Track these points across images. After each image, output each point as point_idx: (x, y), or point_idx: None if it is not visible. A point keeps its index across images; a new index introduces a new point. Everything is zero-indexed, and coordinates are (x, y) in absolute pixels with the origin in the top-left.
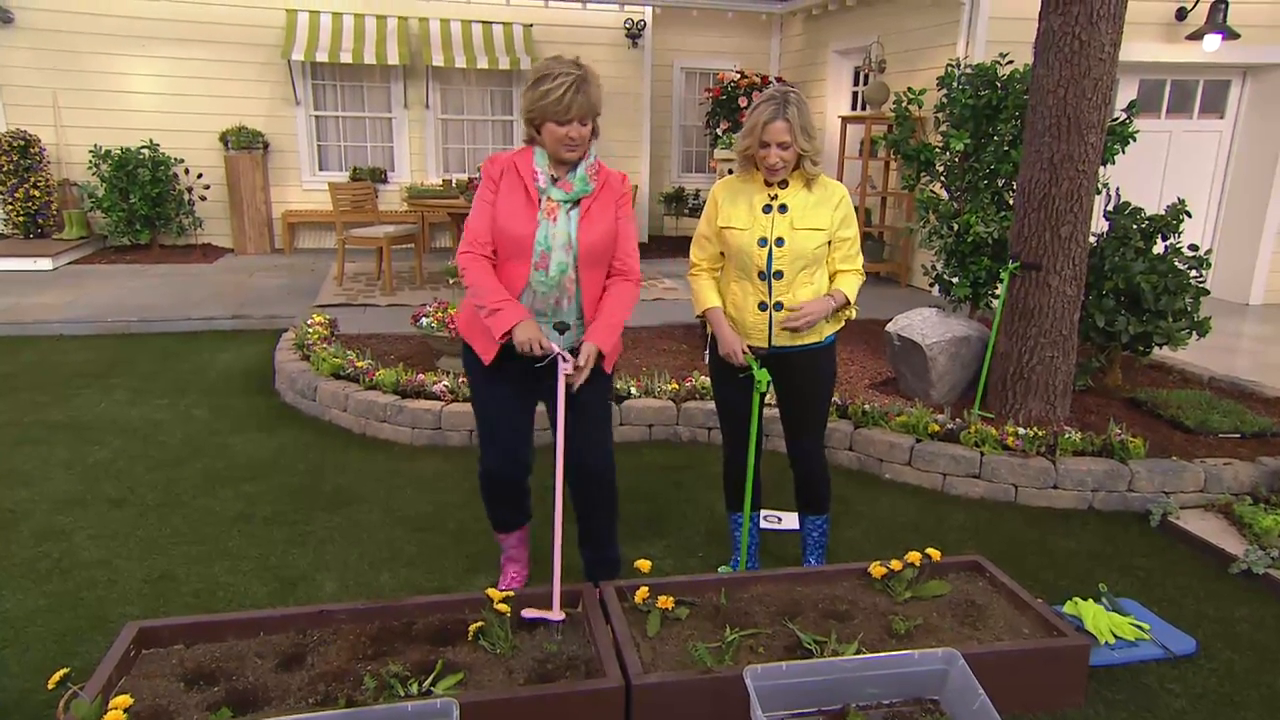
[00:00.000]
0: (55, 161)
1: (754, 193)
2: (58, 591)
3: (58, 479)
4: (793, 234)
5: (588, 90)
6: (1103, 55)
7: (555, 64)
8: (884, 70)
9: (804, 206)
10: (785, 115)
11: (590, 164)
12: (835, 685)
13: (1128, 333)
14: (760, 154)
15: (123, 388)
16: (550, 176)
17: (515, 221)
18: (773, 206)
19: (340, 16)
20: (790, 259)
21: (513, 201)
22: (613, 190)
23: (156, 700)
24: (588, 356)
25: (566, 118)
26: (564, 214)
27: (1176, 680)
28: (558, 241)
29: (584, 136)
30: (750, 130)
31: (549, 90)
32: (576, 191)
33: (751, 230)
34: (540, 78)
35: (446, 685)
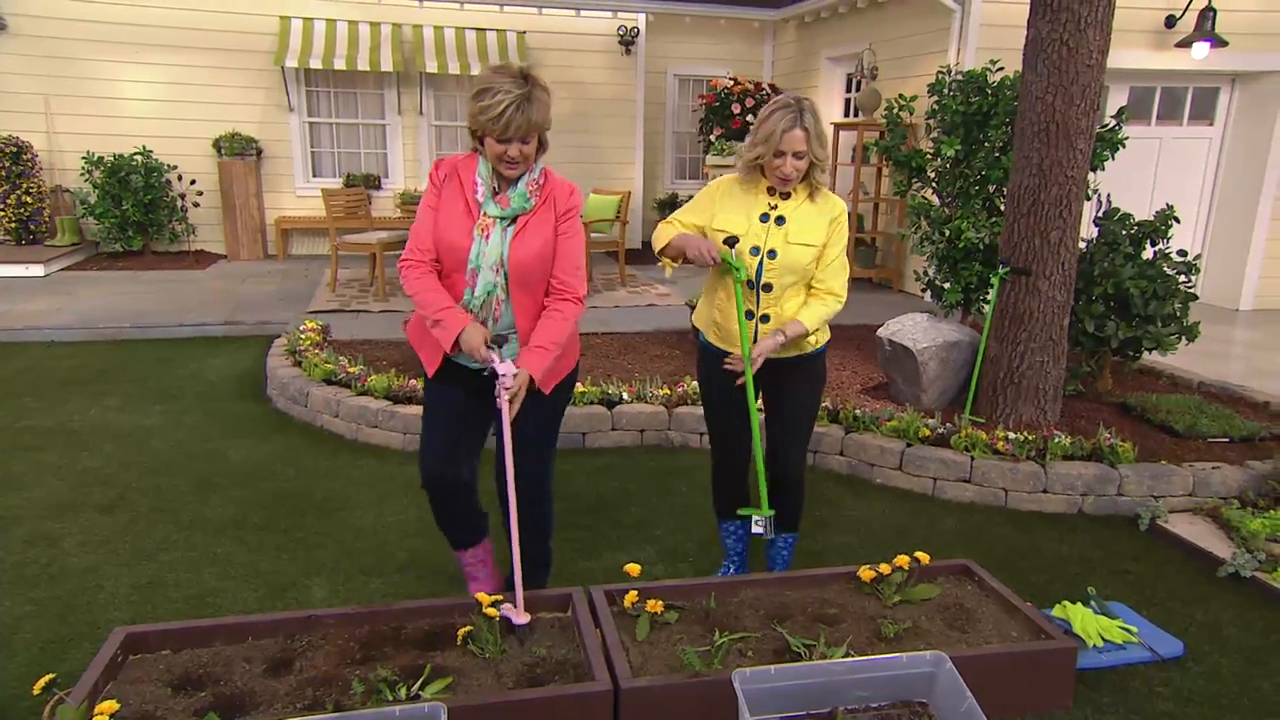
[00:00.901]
0: (48, 168)
1: (754, 199)
2: (46, 598)
3: (48, 485)
4: (786, 247)
5: (530, 109)
6: (1090, 62)
7: (498, 77)
8: (876, 77)
9: (802, 220)
10: (803, 124)
11: (533, 179)
12: (823, 688)
13: (1117, 338)
14: (774, 163)
15: (114, 394)
16: (491, 189)
17: (452, 233)
18: (770, 216)
19: (334, 23)
20: (780, 272)
21: (453, 211)
22: (554, 206)
23: (143, 706)
24: (518, 385)
25: (505, 136)
26: (498, 231)
27: (1164, 683)
28: (487, 261)
29: (525, 155)
30: (766, 138)
31: (488, 106)
32: (513, 209)
33: (746, 238)
34: (481, 90)
35: (434, 689)
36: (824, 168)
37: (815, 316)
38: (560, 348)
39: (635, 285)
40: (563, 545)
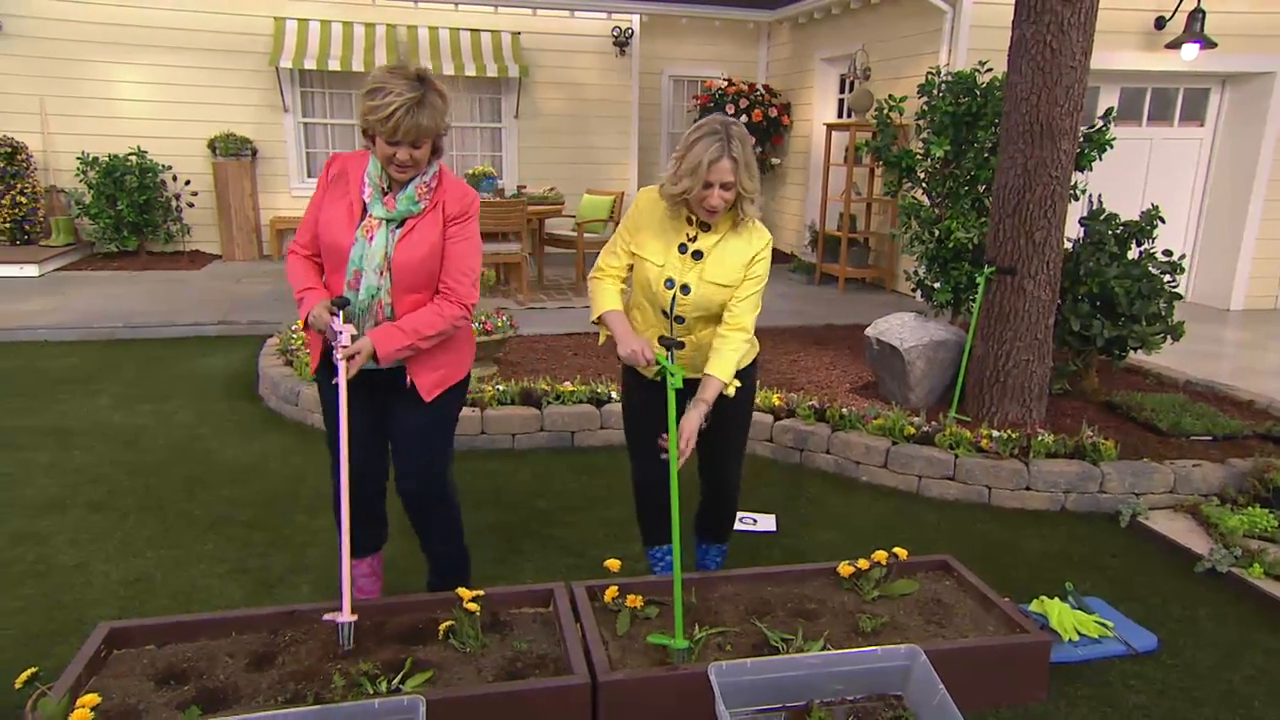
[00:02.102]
0: (42, 168)
1: (675, 226)
2: (33, 594)
3: (38, 483)
4: (700, 284)
5: (421, 113)
6: (1074, 63)
7: (392, 78)
8: (869, 78)
9: (720, 256)
10: (731, 153)
11: (424, 181)
12: (799, 681)
13: (1102, 337)
14: (701, 194)
15: (107, 393)
16: (380, 189)
17: (334, 231)
18: (688, 248)
19: (328, 24)
20: (692, 307)
21: (336, 210)
22: (445, 209)
23: (126, 699)
24: (361, 346)
25: (394, 139)
26: (383, 233)
27: (1138, 676)
28: (371, 263)
29: (415, 159)
30: (693, 169)
31: (378, 107)
32: (400, 211)
33: (663, 268)
34: (373, 89)
35: (415, 683)
36: (752, 199)
37: (727, 365)
38: (422, 339)
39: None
40: (548, 543)
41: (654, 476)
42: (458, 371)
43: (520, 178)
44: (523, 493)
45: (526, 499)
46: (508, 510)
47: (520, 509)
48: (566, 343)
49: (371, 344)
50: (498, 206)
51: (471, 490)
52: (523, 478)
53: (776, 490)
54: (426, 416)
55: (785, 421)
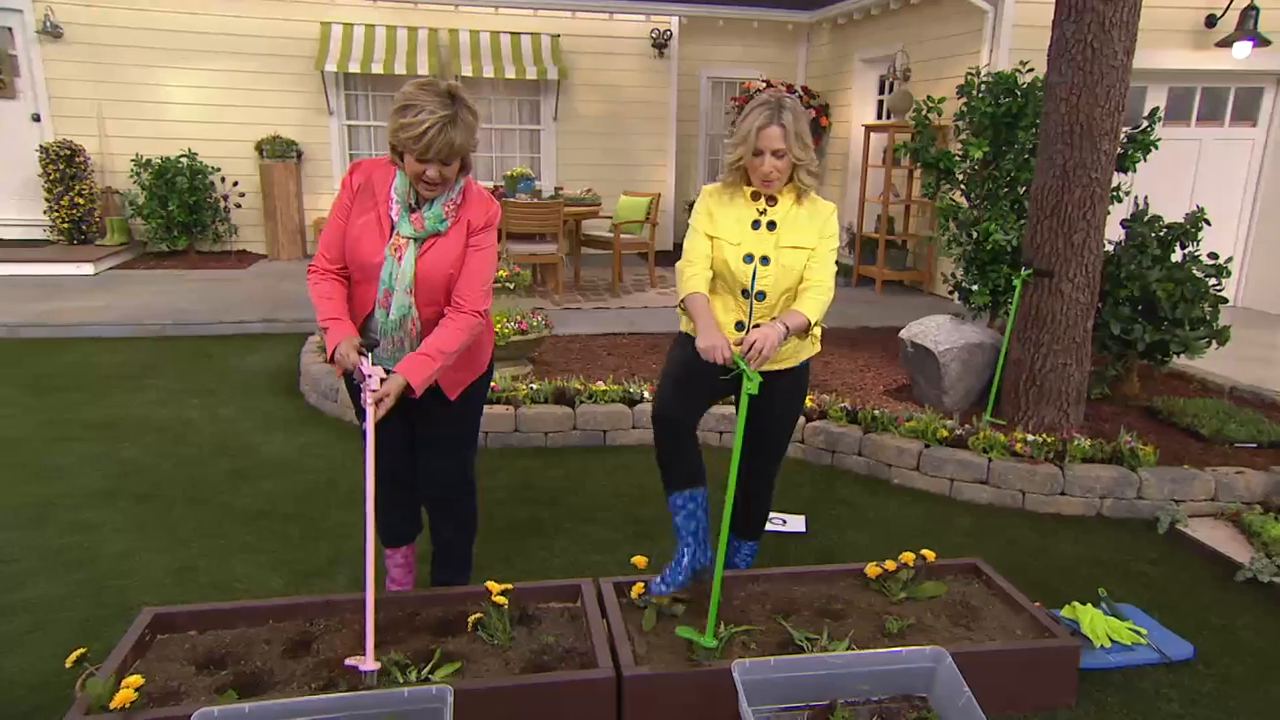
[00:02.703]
0: (99, 170)
1: (742, 206)
2: (83, 580)
3: (90, 474)
4: (779, 252)
5: (453, 131)
6: (1115, 63)
7: (424, 94)
8: (908, 79)
9: (793, 224)
10: (780, 121)
11: (451, 199)
12: (823, 681)
13: (1144, 341)
14: (753, 163)
15: (156, 388)
16: (408, 206)
17: (363, 248)
18: (761, 222)
19: (373, 28)
20: (774, 279)
21: (364, 224)
22: (467, 224)
23: (168, 682)
24: (391, 388)
25: (425, 157)
26: (411, 251)
27: (1173, 685)
28: (401, 283)
29: (445, 177)
30: (743, 138)
31: (409, 124)
32: (427, 230)
33: (740, 245)
34: (404, 106)
35: (444, 674)
36: (810, 169)
37: (815, 306)
38: (448, 357)
39: (665, 287)
40: (579, 540)
41: (675, 413)
42: (479, 367)
43: (558, 179)
44: (554, 490)
45: (558, 496)
46: (539, 507)
47: (552, 506)
48: (601, 343)
49: (403, 381)
50: (535, 208)
51: (504, 487)
52: (555, 475)
53: (807, 491)
54: (452, 414)
55: (817, 423)
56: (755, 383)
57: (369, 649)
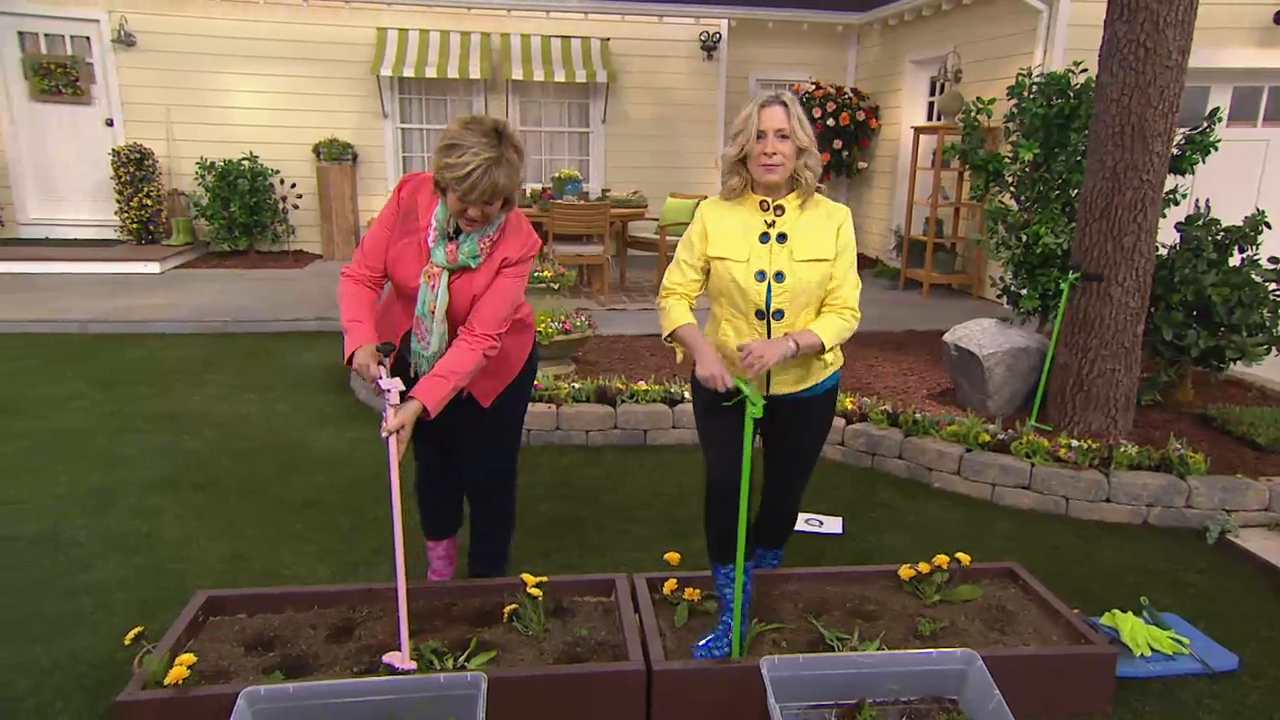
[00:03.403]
0: (166, 173)
1: (747, 218)
2: (144, 563)
3: (152, 464)
4: (794, 267)
5: (498, 172)
6: (1169, 63)
7: (468, 134)
8: (960, 80)
9: (805, 234)
10: (781, 100)
11: (488, 235)
12: (852, 680)
13: (1197, 347)
14: (757, 148)
15: (215, 383)
16: (445, 235)
17: (402, 270)
18: (770, 235)
19: (427, 33)
20: (791, 295)
21: (404, 246)
22: (500, 260)
23: (218, 661)
24: (406, 416)
25: (468, 199)
26: (444, 281)
27: (1215, 696)
28: (438, 313)
29: (486, 215)
30: (745, 123)
31: (453, 165)
32: (460, 263)
33: (748, 262)
34: (450, 146)
35: (479, 662)
36: (812, 165)
37: (832, 331)
38: (462, 377)
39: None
40: (617, 537)
41: (734, 499)
42: (511, 373)
43: (607, 181)
44: (594, 488)
45: (597, 494)
46: (578, 504)
47: (590, 503)
48: (645, 343)
49: (418, 405)
50: (581, 209)
51: (544, 483)
52: (594, 473)
53: (846, 493)
54: (489, 417)
55: (857, 425)
56: (759, 407)
57: (404, 647)
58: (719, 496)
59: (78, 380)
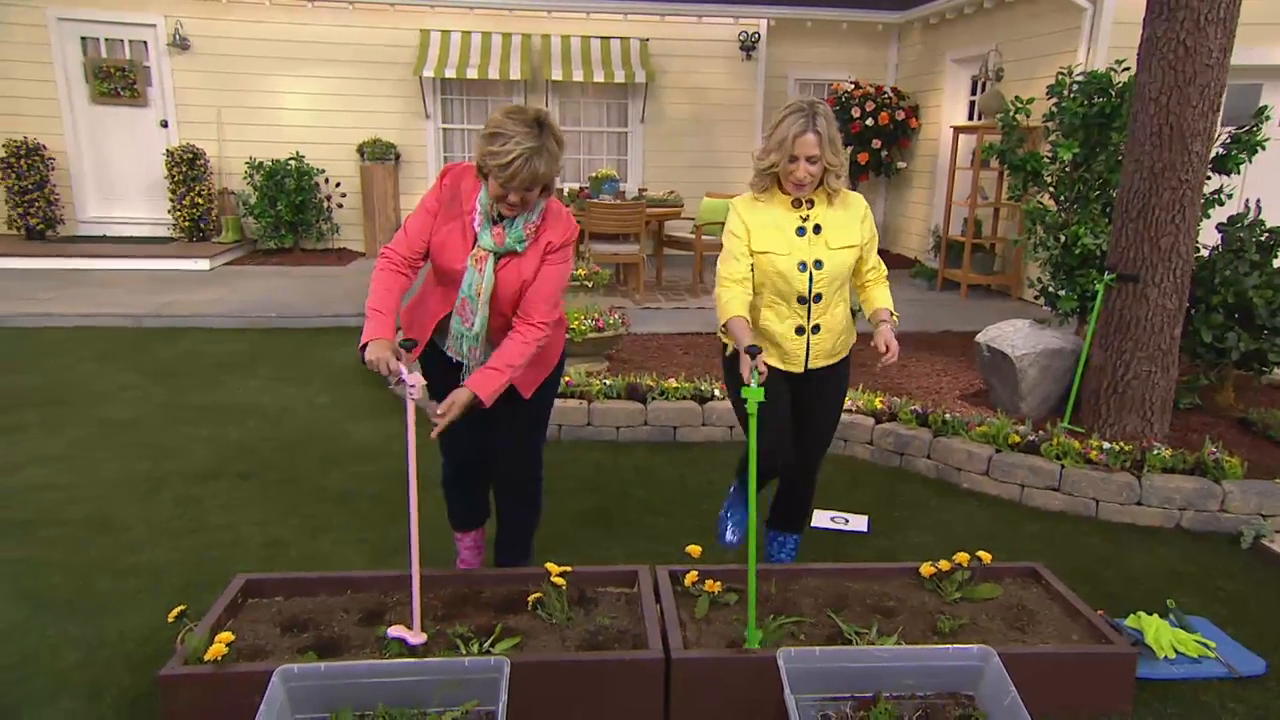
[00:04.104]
0: (216, 172)
1: (780, 214)
2: (189, 548)
3: (199, 454)
4: (830, 255)
5: (538, 161)
6: (1210, 61)
7: (511, 123)
8: (1001, 79)
9: (836, 225)
10: (815, 128)
11: (531, 221)
12: (868, 673)
13: (1238, 349)
14: (788, 169)
15: (260, 376)
16: (490, 218)
17: (447, 254)
18: (806, 229)
19: (469, 35)
20: (828, 280)
21: (449, 231)
22: (545, 244)
23: (255, 640)
24: (459, 400)
25: (509, 186)
26: (490, 264)
27: (1238, 699)
28: (483, 296)
29: (526, 201)
30: (779, 144)
31: (496, 153)
32: (507, 247)
33: (790, 255)
34: (493, 134)
35: (504, 647)
36: (839, 174)
37: (888, 298)
38: (516, 370)
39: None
40: (642, 530)
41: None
42: (550, 365)
43: (645, 180)
44: (622, 482)
45: (625, 488)
46: (606, 498)
47: (618, 497)
48: (678, 341)
49: (470, 394)
50: (618, 209)
51: (574, 478)
52: (623, 468)
53: (872, 492)
54: (526, 410)
55: (887, 425)
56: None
57: (416, 621)
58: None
59: (130, 372)
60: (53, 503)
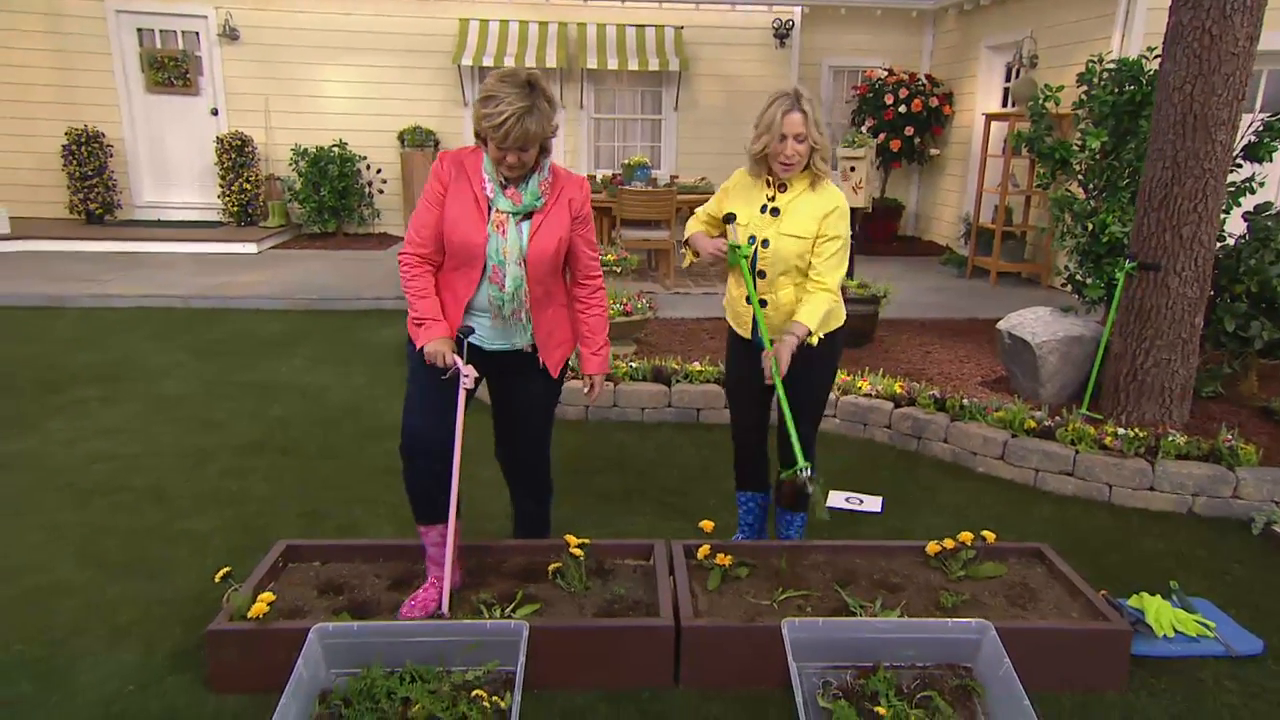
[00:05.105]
0: (264, 159)
1: (756, 191)
2: (234, 516)
3: (243, 428)
4: (777, 238)
5: (529, 120)
6: (1235, 50)
7: (503, 86)
8: (1035, 66)
9: (795, 212)
10: (801, 108)
11: (543, 178)
12: (869, 644)
13: (1261, 339)
14: (777, 148)
15: (302, 356)
16: (499, 184)
17: (464, 229)
18: (768, 208)
19: (506, 23)
20: (771, 261)
21: (461, 206)
22: (567, 201)
23: (294, 601)
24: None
25: (504, 146)
26: (513, 226)
27: (1234, 678)
28: (511, 256)
29: (523, 162)
30: (769, 126)
31: (490, 114)
32: (525, 205)
33: (748, 226)
34: (487, 97)
35: (524, 613)
36: (824, 155)
37: (813, 314)
38: (606, 336)
39: None
40: (662, 508)
41: (745, 436)
42: (572, 344)
43: (678, 167)
44: (645, 462)
45: (648, 468)
46: (629, 477)
47: (641, 477)
48: (705, 326)
49: (601, 379)
50: (649, 195)
51: (598, 457)
52: (647, 449)
53: (888, 474)
54: (548, 389)
55: (905, 409)
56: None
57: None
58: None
59: (180, 351)
60: (112, 473)
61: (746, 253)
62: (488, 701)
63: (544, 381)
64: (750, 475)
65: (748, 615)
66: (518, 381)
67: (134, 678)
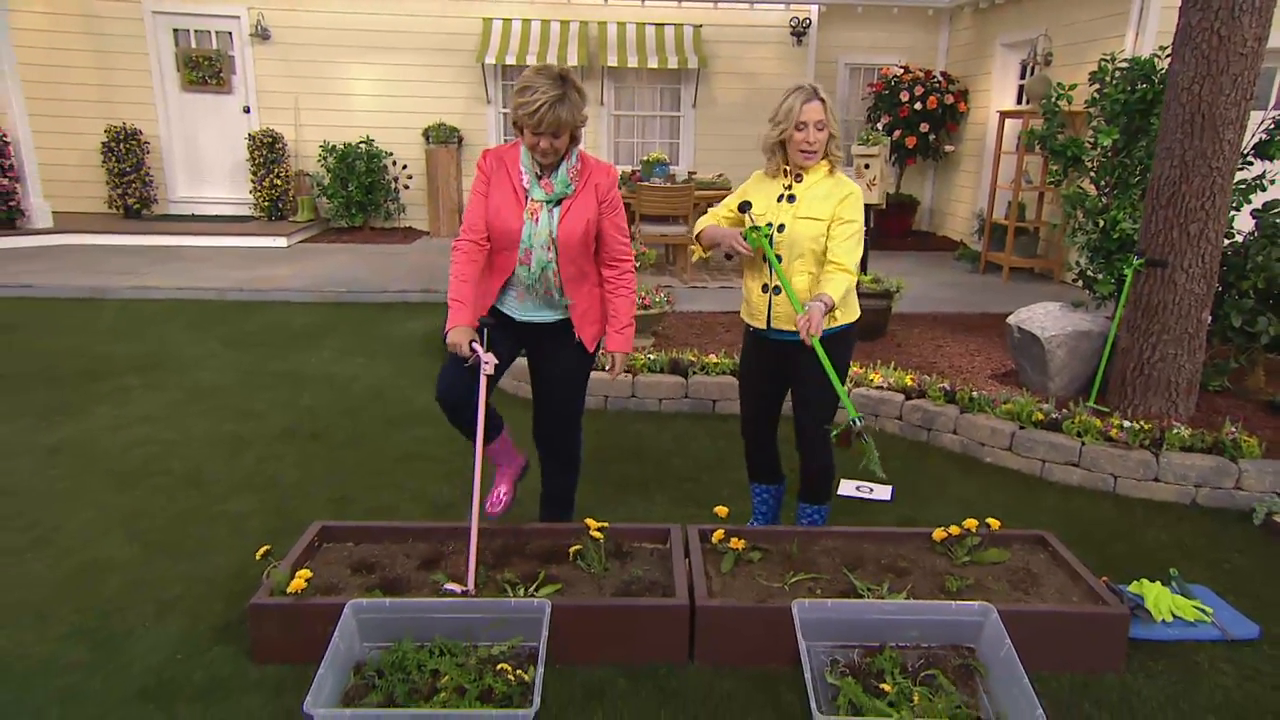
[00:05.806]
0: (293, 155)
1: (773, 184)
2: (269, 500)
3: (276, 416)
4: (794, 221)
5: (561, 108)
6: (1244, 50)
7: (538, 78)
8: (1050, 63)
9: (811, 198)
10: (819, 97)
11: (572, 165)
12: (876, 625)
13: (1268, 334)
14: (797, 137)
15: (330, 347)
16: (535, 174)
17: (504, 217)
18: (784, 196)
19: (529, 22)
20: (787, 245)
21: (502, 197)
22: (595, 187)
23: (329, 579)
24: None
25: (537, 131)
26: (545, 213)
27: (1230, 661)
28: (539, 241)
29: (555, 149)
30: (787, 114)
31: (525, 103)
32: (557, 193)
33: (765, 215)
34: (523, 88)
35: (546, 592)
36: (839, 144)
37: (836, 288)
38: (633, 318)
39: None
40: (678, 496)
41: (756, 428)
42: (602, 322)
43: (695, 164)
44: (662, 452)
45: (665, 457)
46: (646, 465)
47: (658, 465)
48: (721, 319)
49: (624, 356)
50: (667, 191)
51: (616, 446)
52: (664, 439)
53: (898, 464)
54: (582, 363)
55: (915, 401)
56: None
57: (471, 574)
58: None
59: (214, 342)
60: (153, 457)
61: (767, 232)
62: (512, 675)
63: (578, 355)
64: (761, 467)
65: (759, 596)
66: (551, 349)
67: (181, 648)
